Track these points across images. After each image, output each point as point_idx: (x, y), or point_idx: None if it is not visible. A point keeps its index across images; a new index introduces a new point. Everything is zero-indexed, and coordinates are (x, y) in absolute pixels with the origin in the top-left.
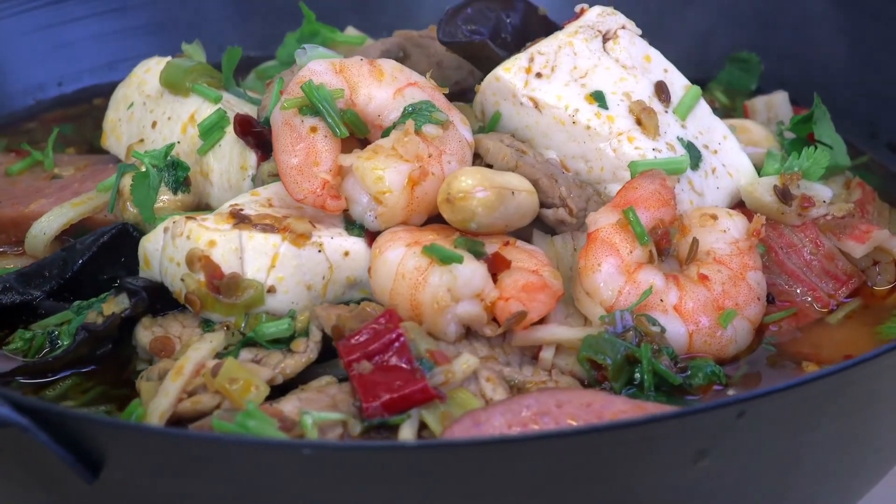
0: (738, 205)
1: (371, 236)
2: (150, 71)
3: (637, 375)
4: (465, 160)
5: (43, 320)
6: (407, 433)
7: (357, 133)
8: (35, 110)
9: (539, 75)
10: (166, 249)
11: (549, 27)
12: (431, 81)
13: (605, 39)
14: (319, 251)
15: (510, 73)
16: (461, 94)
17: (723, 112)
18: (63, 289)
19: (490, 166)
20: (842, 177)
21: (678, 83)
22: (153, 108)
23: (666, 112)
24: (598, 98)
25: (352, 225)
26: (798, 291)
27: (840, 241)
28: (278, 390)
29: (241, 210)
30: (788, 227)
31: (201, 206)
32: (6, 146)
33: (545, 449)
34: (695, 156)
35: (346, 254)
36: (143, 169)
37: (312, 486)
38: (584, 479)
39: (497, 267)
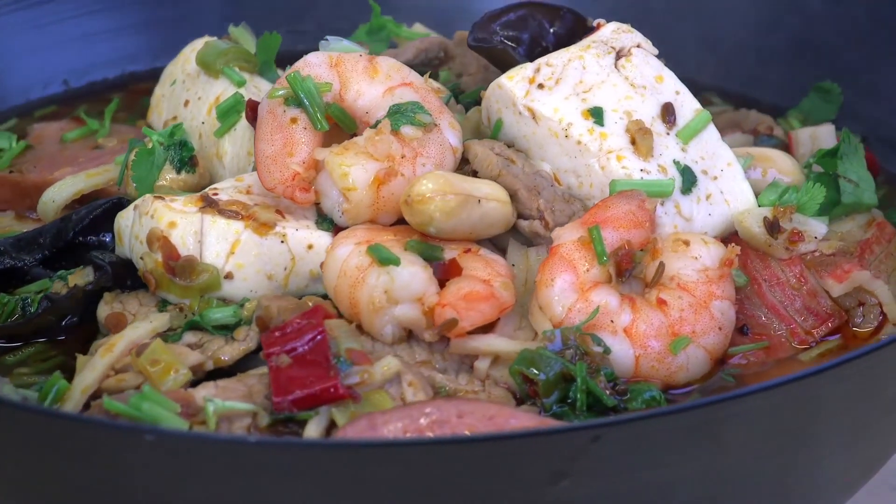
0: (734, 233)
1: (339, 231)
2: (195, 51)
3: (572, 394)
4: (443, 164)
5: (25, 286)
6: (312, 430)
7: (344, 128)
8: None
9: (541, 86)
10: (134, 227)
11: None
12: (430, 83)
13: (619, 56)
14: (282, 242)
15: (512, 81)
16: None
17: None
18: (55, 258)
19: (476, 172)
20: (867, 214)
21: (689, 107)
22: (189, 87)
23: (668, 134)
24: (596, 114)
25: (323, 219)
26: (775, 325)
27: (821, 279)
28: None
29: (216, 195)
30: (776, 260)
31: None
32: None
33: (396, 457)
34: (689, 180)
35: (310, 247)
36: (150, 146)
37: (163, 474)
38: (438, 491)
39: (449, 273)
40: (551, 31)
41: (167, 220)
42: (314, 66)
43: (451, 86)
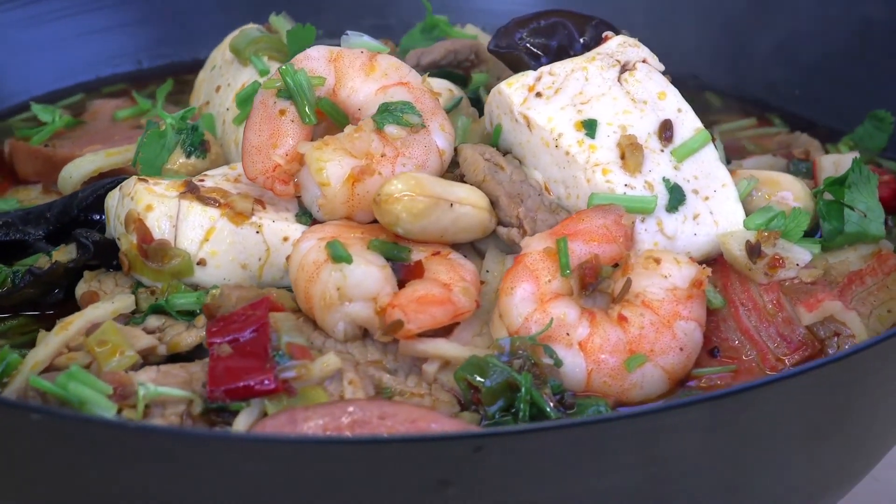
0: (721, 255)
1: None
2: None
3: (516, 404)
4: (426, 166)
5: (23, 260)
6: (241, 422)
7: (335, 123)
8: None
9: (539, 95)
10: (117, 208)
11: None
12: (428, 84)
13: (624, 70)
14: (257, 232)
15: (511, 88)
16: None
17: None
18: (59, 233)
19: (464, 175)
20: (872, 245)
21: (689, 125)
22: (223, 74)
23: (662, 151)
24: (589, 126)
25: (303, 213)
26: (747, 350)
27: (795, 306)
28: None
29: (202, 181)
30: (755, 285)
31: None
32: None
33: (276, 454)
34: (676, 198)
35: (286, 239)
36: (163, 128)
37: (54, 454)
38: (320, 492)
39: (412, 275)
40: (580, 40)
41: (145, 203)
42: (313, 59)
43: (471, 90)
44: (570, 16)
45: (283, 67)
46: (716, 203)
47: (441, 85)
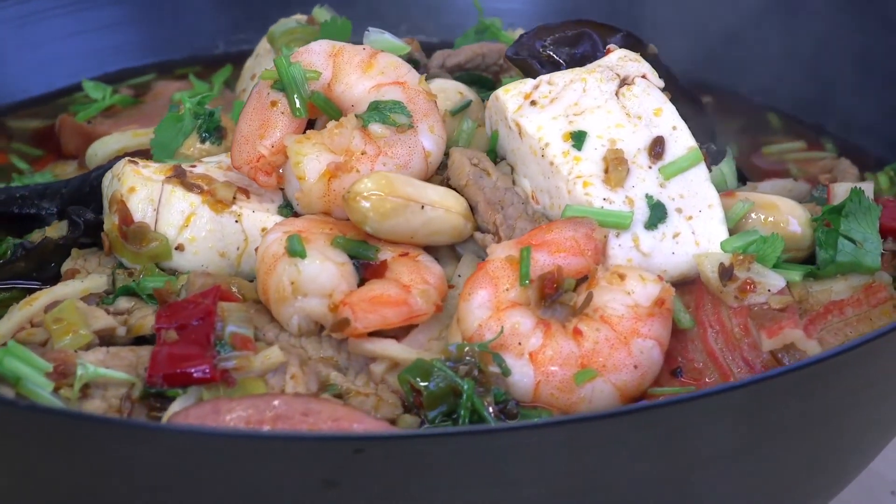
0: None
1: None
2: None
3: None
4: (408, 167)
5: (30, 234)
6: (174, 408)
7: (329, 117)
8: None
9: (534, 103)
10: (108, 188)
11: (654, 65)
12: (425, 85)
13: (623, 84)
14: (236, 221)
15: (507, 94)
16: None
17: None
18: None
19: (449, 178)
20: (866, 277)
21: (683, 144)
22: (261, 63)
23: (650, 168)
24: (577, 138)
25: (286, 205)
26: (710, 372)
27: (758, 331)
28: None
29: (194, 167)
30: (727, 308)
31: None
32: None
33: (163, 442)
34: (657, 216)
35: (264, 230)
36: (182, 112)
37: None
38: (210, 484)
39: (376, 274)
40: (604, 50)
41: (128, 185)
42: (313, 53)
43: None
44: (597, 27)
45: (278, 58)
46: (699, 223)
47: (452, 87)
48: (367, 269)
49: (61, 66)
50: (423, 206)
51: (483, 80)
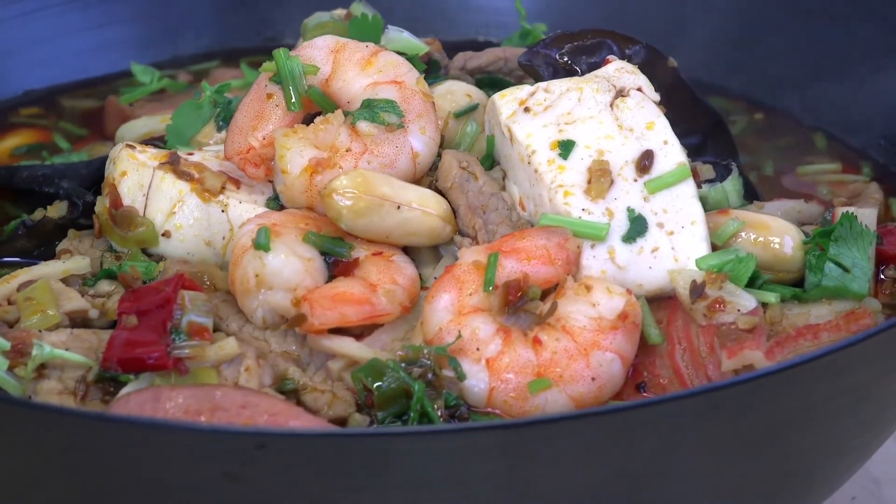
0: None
1: None
2: None
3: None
4: (395, 166)
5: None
6: (124, 393)
7: (325, 112)
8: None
9: (528, 110)
10: (106, 171)
11: (673, 78)
12: (423, 86)
13: (618, 95)
14: (223, 211)
15: (503, 100)
16: None
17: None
18: (90, 190)
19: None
20: (852, 303)
21: (673, 159)
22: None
23: (635, 181)
24: (565, 147)
25: (274, 198)
26: (673, 389)
27: (721, 351)
28: None
29: (190, 154)
30: (697, 325)
31: None
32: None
33: (66, 427)
34: (636, 230)
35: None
36: (201, 99)
37: None
38: (116, 471)
39: (345, 271)
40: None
41: (121, 169)
42: (315, 48)
43: None
44: (617, 37)
45: (277, 51)
46: (680, 239)
47: (461, 89)
48: (337, 266)
49: (124, 48)
50: (399, 207)
51: (504, 84)
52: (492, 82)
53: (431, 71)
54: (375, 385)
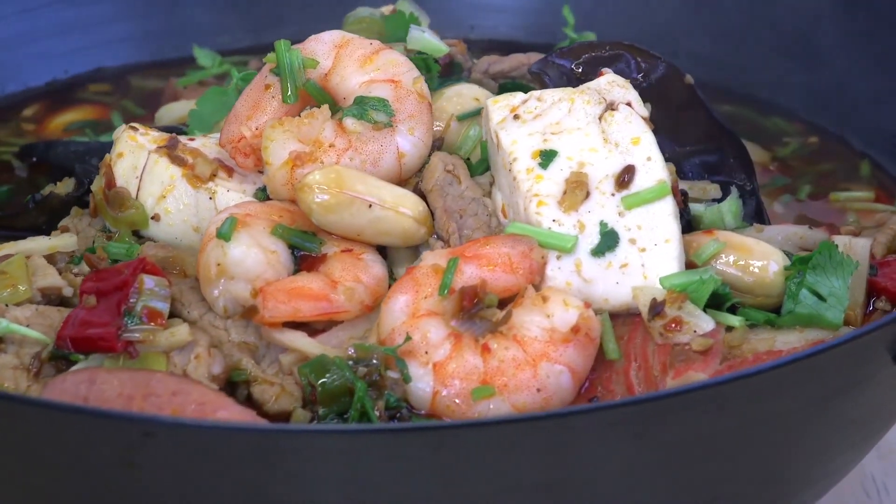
0: None
1: None
2: None
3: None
4: (378, 165)
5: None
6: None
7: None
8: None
9: (517, 117)
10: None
11: (689, 96)
12: (420, 87)
13: (608, 108)
14: (210, 198)
15: (495, 105)
16: None
17: None
18: None
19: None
20: (825, 332)
21: (655, 175)
22: None
23: (613, 195)
24: (546, 157)
25: (263, 188)
26: None
27: (670, 371)
28: None
29: (192, 140)
30: (654, 344)
31: None
32: None
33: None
34: (606, 244)
35: None
36: (228, 87)
37: None
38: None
39: (309, 266)
40: (639, 76)
41: (118, 150)
42: (320, 42)
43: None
44: (636, 51)
45: (278, 42)
46: (651, 257)
47: (470, 92)
48: (304, 261)
49: (202, 32)
50: (370, 205)
51: (527, 90)
52: (515, 88)
53: (453, 73)
54: (319, 381)
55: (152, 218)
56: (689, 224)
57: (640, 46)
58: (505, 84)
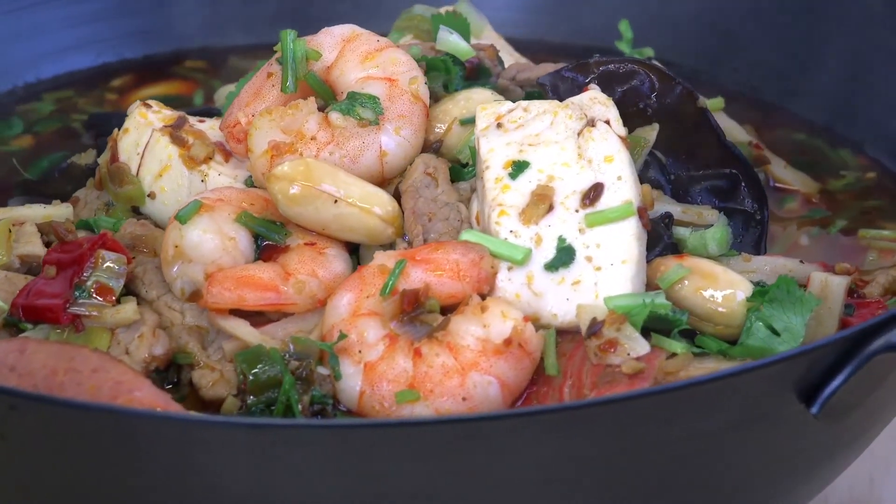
0: None
1: None
2: None
3: None
4: (358, 162)
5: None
6: None
7: (322, 99)
8: None
9: (500, 125)
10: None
11: (701, 119)
12: (416, 89)
13: (588, 124)
14: (202, 181)
15: (483, 113)
16: None
17: None
18: None
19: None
20: None
21: (622, 195)
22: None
23: (577, 211)
24: (518, 167)
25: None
26: None
27: (594, 391)
28: None
29: (202, 121)
30: (591, 364)
31: None
32: None
33: None
34: (561, 259)
35: None
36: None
37: None
38: None
39: (269, 257)
40: (652, 95)
41: (125, 126)
42: (328, 35)
43: None
44: (654, 70)
45: (283, 31)
46: (605, 276)
47: (479, 97)
48: (265, 251)
49: (307, 19)
50: (336, 201)
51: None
52: (542, 96)
53: (479, 77)
54: (252, 371)
55: (148, 195)
56: (674, 247)
57: (658, 66)
58: (531, 93)
